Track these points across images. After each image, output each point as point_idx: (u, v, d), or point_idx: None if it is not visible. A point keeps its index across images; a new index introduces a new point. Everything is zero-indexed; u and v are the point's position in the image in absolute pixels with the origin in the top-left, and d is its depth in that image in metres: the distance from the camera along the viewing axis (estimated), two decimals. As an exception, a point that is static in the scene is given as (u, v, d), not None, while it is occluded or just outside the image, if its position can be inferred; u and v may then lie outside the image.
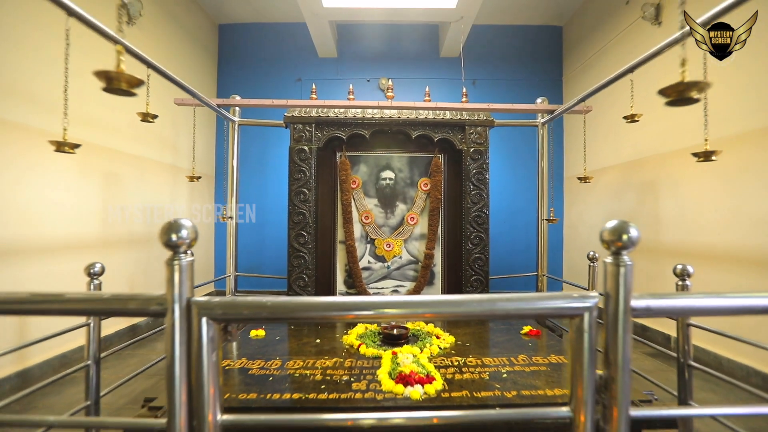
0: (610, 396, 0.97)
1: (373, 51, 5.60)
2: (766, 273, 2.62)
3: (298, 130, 3.75)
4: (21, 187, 2.62)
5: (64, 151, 1.77)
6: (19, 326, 2.63)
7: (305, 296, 2.96)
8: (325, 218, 3.89)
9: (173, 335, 0.95)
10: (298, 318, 1.01)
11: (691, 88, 1.67)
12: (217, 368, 0.98)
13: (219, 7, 5.45)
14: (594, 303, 0.97)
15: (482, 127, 3.83)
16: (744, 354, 2.79)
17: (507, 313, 1.00)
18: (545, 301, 0.98)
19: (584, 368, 0.96)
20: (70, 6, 1.77)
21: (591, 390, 0.96)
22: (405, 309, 0.97)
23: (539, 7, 5.45)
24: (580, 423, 0.97)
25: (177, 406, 0.95)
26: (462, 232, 3.79)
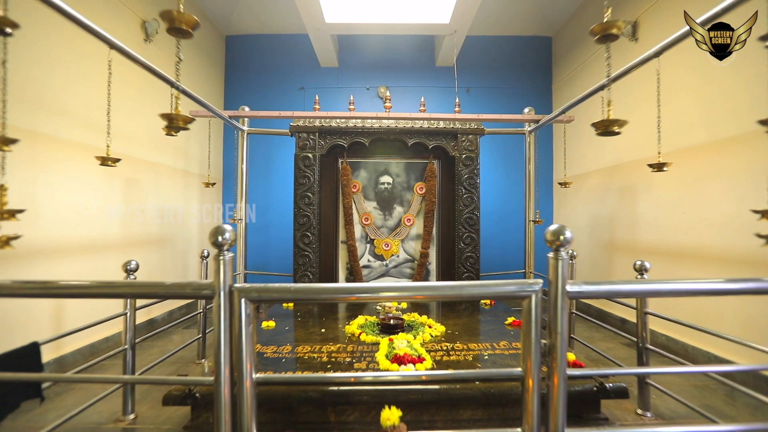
0: (552, 358, 1.27)
1: (372, 61, 5.91)
2: (721, 268, 2.92)
3: (303, 138, 4.05)
4: (58, 193, 2.92)
5: (107, 164, 2.07)
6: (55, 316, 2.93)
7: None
8: (328, 220, 4.20)
9: (220, 312, 1.26)
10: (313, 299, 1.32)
11: (613, 123, 2.09)
12: (252, 338, 1.29)
13: (227, 19, 5.76)
14: (538, 288, 1.27)
15: (473, 135, 4.13)
16: (707, 342, 3.08)
17: (471, 295, 1.30)
18: (501, 287, 1.29)
19: (532, 337, 1.27)
20: (113, 41, 2.07)
21: (537, 354, 1.27)
22: (396, 292, 1.27)
23: (530, 18, 5.76)
24: (529, 379, 1.27)
25: (222, 365, 1.26)
26: (455, 232, 4.09)
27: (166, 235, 4.44)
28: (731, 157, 2.91)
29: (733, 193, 2.89)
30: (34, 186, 2.75)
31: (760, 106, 1.98)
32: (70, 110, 3.08)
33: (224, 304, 1.26)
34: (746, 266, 2.71)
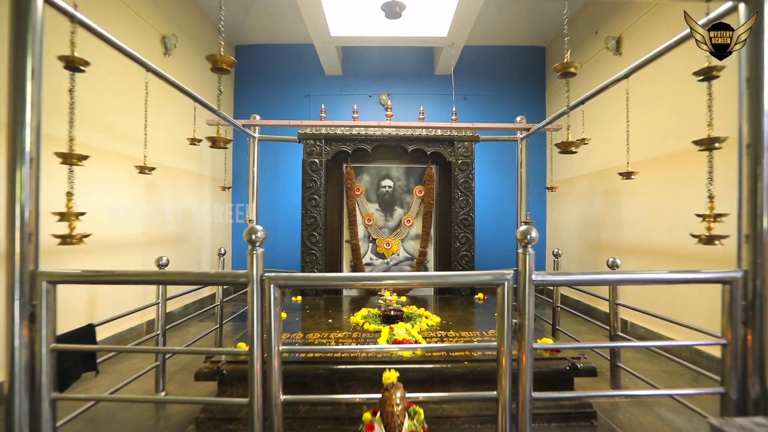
0: (521, 334, 1.58)
1: (374, 69, 6.21)
2: (691, 264, 3.21)
3: (310, 145, 4.36)
4: (92, 196, 3.23)
5: (144, 172, 2.38)
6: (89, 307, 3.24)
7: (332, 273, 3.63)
8: (333, 221, 4.51)
9: (253, 296, 1.57)
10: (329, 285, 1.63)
11: (572, 144, 2.38)
12: (278, 318, 1.60)
13: (237, 30, 6.07)
14: (510, 277, 1.58)
15: (469, 142, 4.43)
16: (680, 333, 3.37)
17: (455, 282, 1.61)
18: (479, 276, 1.60)
19: (504, 317, 1.57)
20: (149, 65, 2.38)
21: (509, 330, 1.57)
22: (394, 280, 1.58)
23: (524, 29, 6.06)
24: (503, 351, 1.58)
25: (255, 340, 1.57)
26: (451, 232, 4.40)
27: (182, 233, 4.75)
28: (700, 165, 3.20)
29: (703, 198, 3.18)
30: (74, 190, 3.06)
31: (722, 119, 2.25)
32: (99, 120, 3.39)
33: (257, 290, 1.57)
34: (711, 262, 3.01)
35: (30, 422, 1.61)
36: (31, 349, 1.60)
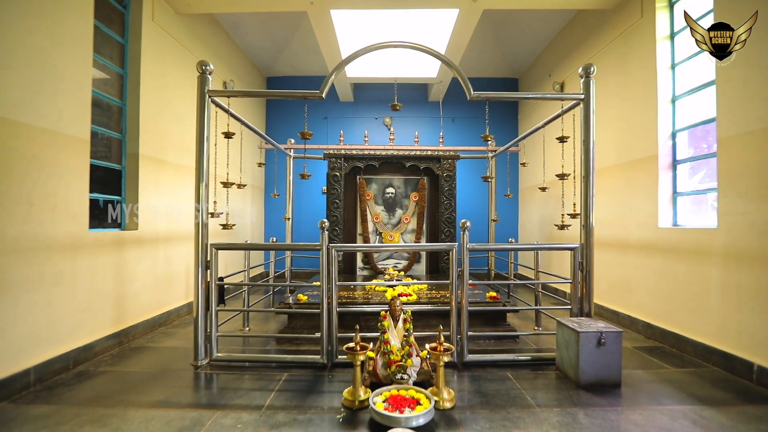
0: (461, 281, 3.03)
1: (379, 97, 7.67)
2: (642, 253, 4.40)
3: (332, 161, 5.81)
4: (168, 198, 4.59)
5: (228, 186, 3.81)
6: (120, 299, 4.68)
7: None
8: (350, 218, 5.95)
9: (323, 258, 3.02)
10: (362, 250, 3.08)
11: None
12: (337, 272, 3.04)
13: (269, 66, 7.53)
14: (456, 246, 3.03)
15: (452, 160, 5.88)
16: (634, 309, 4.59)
17: (427, 248, 3.06)
18: (440, 246, 3.05)
19: (452, 272, 3.02)
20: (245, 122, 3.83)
21: (455, 281, 3.02)
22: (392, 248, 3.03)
23: (500, 66, 7.50)
24: (453, 298, 3.02)
25: (325, 291, 3.01)
26: (438, 228, 5.83)
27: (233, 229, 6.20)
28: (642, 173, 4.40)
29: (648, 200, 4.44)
30: (157, 194, 4.50)
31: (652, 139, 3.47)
32: (173, 141, 4.84)
33: (325, 254, 3.03)
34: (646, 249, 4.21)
35: (204, 323, 3.07)
36: (207, 283, 3.07)
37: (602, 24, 4.74)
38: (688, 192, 3.65)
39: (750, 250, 2.81)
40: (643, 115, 4.02)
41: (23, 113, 2.61)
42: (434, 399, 2.32)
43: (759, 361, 2.72)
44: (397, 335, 2.74)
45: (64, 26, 2.95)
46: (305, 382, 2.81)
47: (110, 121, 3.73)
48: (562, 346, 2.94)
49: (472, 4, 4.39)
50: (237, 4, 4.49)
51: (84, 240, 3.13)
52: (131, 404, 2.45)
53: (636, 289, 4.09)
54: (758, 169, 2.76)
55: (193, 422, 2.23)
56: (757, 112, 2.78)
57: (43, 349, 2.75)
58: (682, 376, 2.92)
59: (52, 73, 2.85)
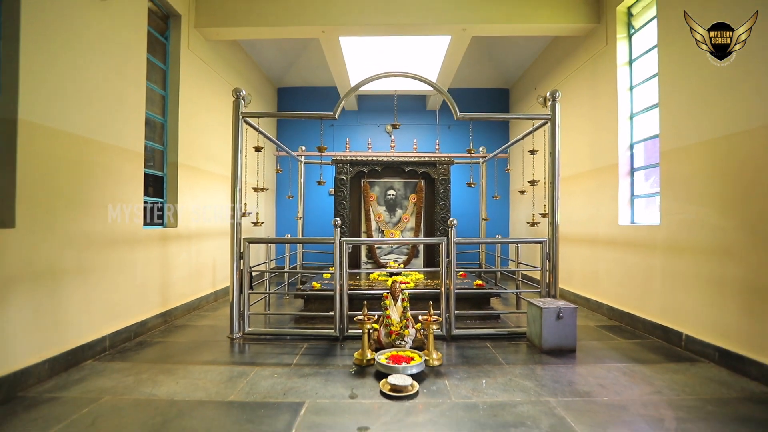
0: (450, 270, 3.70)
1: (381, 106, 8.34)
2: (607, 247, 5.12)
3: (340, 167, 6.48)
4: (200, 199, 5.29)
5: (258, 191, 4.49)
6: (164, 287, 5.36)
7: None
8: (355, 217, 6.61)
9: (336, 250, 3.70)
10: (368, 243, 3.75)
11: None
12: (346, 262, 3.72)
13: (279, 77, 8.21)
14: (445, 239, 3.70)
15: (447, 164, 6.54)
16: (600, 295, 5.29)
17: (420, 242, 3.73)
18: (431, 240, 3.72)
19: (443, 262, 3.70)
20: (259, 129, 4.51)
21: (445, 270, 3.69)
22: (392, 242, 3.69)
23: (493, 77, 8.16)
24: (442, 283, 3.70)
25: (337, 277, 3.70)
26: (434, 226, 6.49)
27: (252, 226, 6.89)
28: (606, 178, 5.14)
29: (612, 201, 5.16)
30: (191, 197, 5.19)
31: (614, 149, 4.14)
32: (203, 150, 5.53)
33: (338, 246, 3.71)
34: (610, 244, 4.98)
35: (238, 303, 3.75)
36: (240, 270, 3.75)
37: (576, 48, 5.40)
38: (642, 195, 4.32)
39: (683, 243, 3.47)
40: (607, 128, 4.68)
41: (101, 134, 3.29)
42: (425, 358, 3.00)
43: (687, 331, 3.39)
44: (397, 311, 3.42)
45: (126, 62, 3.64)
46: (322, 349, 3.49)
47: (155, 135, 4.41)
48: (530, 321, 3.61)
49: (462, 32, 5.06)
50: (258, 33, 5.17)
51: (139, 235, 3.82)
52: (188, 362, 3.13)
53: (602, 279, 4.76)
54: (689, 178, 3.43)
55: (239, 373, 2.91)
56: (690, 130, 3.44)
57: (113, 322, 3.44)
58: (627, 345, 3.60)
59: (119, 100, 3.53)
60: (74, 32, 3.02)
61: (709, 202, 3.19)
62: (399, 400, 2.47)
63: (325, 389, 2.63)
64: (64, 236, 2.92)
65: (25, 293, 2.60)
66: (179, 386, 2.66)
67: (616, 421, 2.21)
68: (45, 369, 2.72)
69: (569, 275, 5.50)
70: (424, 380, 2.77)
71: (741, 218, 2.92)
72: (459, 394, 2.55)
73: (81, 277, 3.08)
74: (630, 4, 4.43)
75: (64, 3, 2.93)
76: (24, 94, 2.59)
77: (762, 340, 2.74)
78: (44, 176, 2.76)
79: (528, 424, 2.17)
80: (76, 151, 3.04)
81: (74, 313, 3.01)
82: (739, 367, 2.87)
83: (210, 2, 4.88)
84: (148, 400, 2.46)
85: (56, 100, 2.85)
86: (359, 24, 4.92)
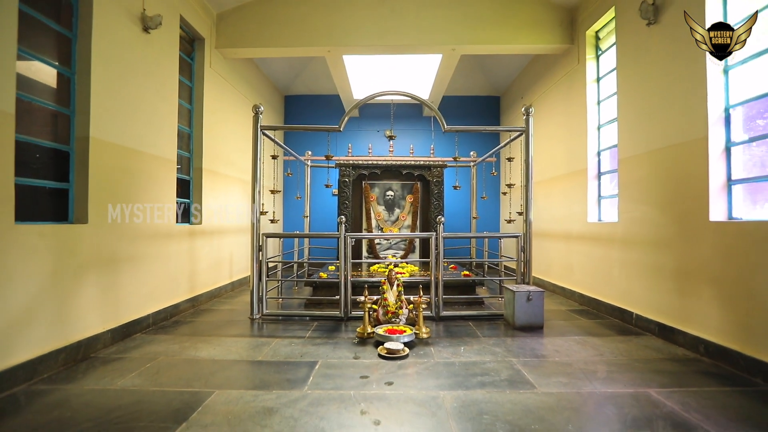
0: (437, 258, 4.34)
1: (381, 113, 8.98)
2: (579, 242, 5.83)
3: (343, 169, 7.11)
4: (221, 200, 5.92)
5: (274, 193, 5.13)
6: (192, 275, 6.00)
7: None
8: (357, 216, 7.25)
9: (341, 244, 4.34)
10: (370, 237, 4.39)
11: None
12: (351, 252, 4.37)
13: (286, 85, 8.85)
14: (434, 234, 4.34)
15: (440, 168, 7.18)
16: (574, 284, 5.95)
17: (413, 236, 4.37)
18: (423, 234, 4.36)
19: (432, 253, 4.33)
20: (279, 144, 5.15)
21: (435, 259, 4.33)
22: (391, 237, 4.33)
23: (484, 86, 8.79)
24: (432, 272, 4.34)
25: (342, 266, 4.34)
26: (429, 224, 7.13)
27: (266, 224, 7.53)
28: (578, 181, 5.88)
29: (583, 201, 5.89)
30: (212, 198, 5.84)
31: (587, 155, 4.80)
32: (222, 156, 6.18)
33: (343, 240, 4.35)
34: (581, 239, 5.69)
35: (257, 289, 4.40)
36: (260, 261, 4.39)
37: (554, 64, 6.04)
38: (608, 196, 4.95)
39: (634, 237, 4.11)
40: (579, 137, 5.32)
41: (143, 145, 3.94)
42: (416, 331, 3.64)
43: (636, 311, 4.02)
44: (393, 295, 4.06)
45: (163, 83, 4.28)
46: (330, 326, 4.13)
47: (182, 143, 5.06)
48: (506, 303, 4.25)
49: (451, 51, 5.69)
50: (271, 52, 5.81)
51: (173, 231, 4.46)
52: (219, 335, 3.78)
53: (575, 269, 5.40)
54: (640, 182, 4.05)
55: (262, 343, 3.55)
56: (641, 141, 4.06)
57: (154, 303, 4.09)
58: (588, 324, 4.23)
59: (157, 116, 4.17)
60: (126, 63, 3.67)
61: (652, 202, 3.83)
62: (393, 360, 3.12)
63: (334, 353, 3.28)
64: (120, 231, 3.57)
65: (94, 277, 3.25)
66: (216, 351, 3.31)
67: (559, 372, 2.85)
68: (108, 337, 3.37)
69: (548, 267, 6.15)
70: (414, 347, 3.42)
71: (674, 215, 3.55)
72: (441, 356, 3.20)
73: (132, 265, 3.73)
74: (597, 29, 5.05)
75: (119, 39, 3.57)
76: (93, 116, 3.24)
77: (687, 314, 3.37)
78: (105, 181, 3.40)
79: (491, 374, 2.82)
80: (126, 160, 3.69)
81: (127, 295, 3.66)
82: (671, 337, 3.51)
83: (228, 26, 5.52)
84: (194, 359, 3.11)
85: (114, 120, 3.50)
86: (361, 45, 5.55)
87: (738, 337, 2.89)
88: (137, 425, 2.10)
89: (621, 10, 4.37)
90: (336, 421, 2.15)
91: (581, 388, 2.59)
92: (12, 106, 2.54)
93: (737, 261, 2.91)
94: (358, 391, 2.52)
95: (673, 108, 3.57)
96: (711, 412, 2.26)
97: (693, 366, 2.99)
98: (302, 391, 2.53)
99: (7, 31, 2.54)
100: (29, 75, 2.93)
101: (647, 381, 2.69)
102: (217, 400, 2.39)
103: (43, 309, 2.77)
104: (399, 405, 2.34)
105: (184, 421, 2.14)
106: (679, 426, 2.11)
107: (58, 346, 2.87)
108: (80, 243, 3.11)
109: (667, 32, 3.64)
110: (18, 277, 2.58)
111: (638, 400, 2.41)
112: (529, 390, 2.55)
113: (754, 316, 2.77)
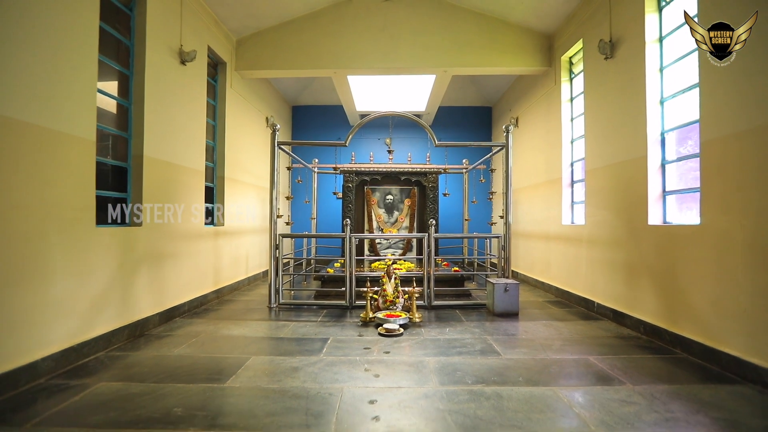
0: (430, 256, 5.05)
1: (381, 122, 9.70)
2: (555, 242, 6.55)
3: (347, 176, 7.82)
4: (238, 204, 6.65)
5: (288, 199, 5.84)
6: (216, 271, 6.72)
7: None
8: (359, 218, 7.96)
9: (346, 243, 5.06)
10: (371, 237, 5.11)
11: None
12: (354, 252, 5.08)
13: (294, 97, 9.57)
14: (427, 235, 5.06)
15: (436, 174, 7.89)
16: (552, 279, 6.70)
17: (408, 237, 5.09)
18: (416, 234, 5.08)
19: (424, 251, 5.05)
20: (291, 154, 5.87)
21: (427, 256, 5.05)
22: (390, 236, 5.04)
23: (477, 97, 9.50)
24: (425, 268, 5.06)
25: (347, 263, 5.06)
26: (425, 225, 7.84)
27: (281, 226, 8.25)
28: (555, 188, 6.64)
29: (558, 206, 6.62)
30: (232, 202, 6.56)
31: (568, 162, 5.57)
32: (240, 165, 6.90)
33: (348, 239, 5.07)
34: (557, 239, 6.42)
35: (274, 283, 5.12)
36: (276, 258, 5.12)
37: (536, 83, 6.75)
38: (579, 201, 5.66)
39: (596, 238, 4.81)
40: (556, 149, 6.03)
41: (180, 159, 4.66)
42: (410, 316, 4.35)
43: (597, 300, 4.73)
44: (391, 286, 4.78)
45: (195, 106, 5.00)
46: (337, 313, 4.85)
47: (208, 155, 5.78)
48: (488, 294, 4.96)
49: (443, 72, 6.41)
50: (283, 73, 6.53)
51: (202, 232, 5.19)
52: (245, 319, 4.50)
53: (553, 266, 6.11)
54: (601, 191, 4.76)
55: (282, 325, 4.28)
56: (601, 156, 4.77)
57: (188, 293, 4.81)
58: (558, 312, 4.95)
59: (190, 134, 4.89)
60: (169, 92, 4.40)
61: (610, 208, 4.54)
62: (390, 337, 3.84)
63: (342, 332, 4.00)
64: (163, 232, 4.30)
65: (146, 269, 3.97)
66: (245, 330, 4.04)
67: (523, 345, 3.57)
68: (156, 320, 4.10)
69: (532, 264, 6.86)
70: (408, 328, 4.13)
71: (624, 219, 4.26)
72: (429, 335, 3.92)
73: (172, 260, 4.46)
74: (570, 55, 5.77)
75: (164, 73, 4.30)
76: (146, 138, 3.97)
77: (633, 301, 4.08)
78: (154, 191, 4.13)
79: (468, 347, 3.53)
80: (169, 173, 4.41)
81: (169, 285, 4.39)
82: (621, 320, 4.22)
83: (247, 51, 6.24)
84: (229, 336, 3.83)
85: (160, 140, 4.22)
86: (363, 67, 6.26)
87: (666, 317, 3.60)
88: (199, 377, 2.83)
89: (586, 41, 5.09)
90: (346, 374, 2.87)
91: (536, 355, 3.30)
92: (93, 134, 3.27)
93: (666, 257, 3.62)
94: (362, 357, 3.25)
95: (624, 129, 4.29)
96: (631, 370, 2.97)
97: (632, 341, 3.70)
98: (319, 357, 3.25)
99: (90, 75, 3.27)
100: (101, 106, 3.66)
101: (590, 351, 3.41)
102: (255, 362, 3.11)
103: (113, 294, 3.50)
104: (394, 366, 3.06)
105: (233, 375, 2.86)
106: (601, 378, 2.83)
107: (123, 324, 3.60)
108: (137, 242, 3.83)
109: (620, 66, 4.36)
110: (98, 269, 3.31)
111: (578, 363, 3.13)
112: (495, 357, 3.27)
113: (677, 300, 3.48)
